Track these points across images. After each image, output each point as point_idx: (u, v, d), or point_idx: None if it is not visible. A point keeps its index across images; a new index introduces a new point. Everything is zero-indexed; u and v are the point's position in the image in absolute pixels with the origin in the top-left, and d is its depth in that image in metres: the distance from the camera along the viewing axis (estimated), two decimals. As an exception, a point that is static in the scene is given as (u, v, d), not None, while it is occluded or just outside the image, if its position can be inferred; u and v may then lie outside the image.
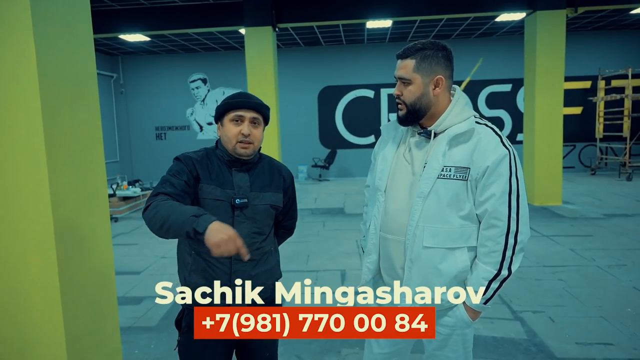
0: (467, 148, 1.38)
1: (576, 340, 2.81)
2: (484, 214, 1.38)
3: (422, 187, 1.39)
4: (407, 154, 1.48)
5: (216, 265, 1.54)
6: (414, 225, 1.40)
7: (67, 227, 2.11)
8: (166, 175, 1.54)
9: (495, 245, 1.36)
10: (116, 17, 7.57)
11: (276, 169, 1.69)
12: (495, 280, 1.38)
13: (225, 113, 1.56)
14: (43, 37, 1.99)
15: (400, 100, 1.43)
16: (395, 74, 1.45)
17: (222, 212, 1.52)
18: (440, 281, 1.40)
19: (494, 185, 1.35)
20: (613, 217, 6.12)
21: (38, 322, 2.08)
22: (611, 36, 10.66)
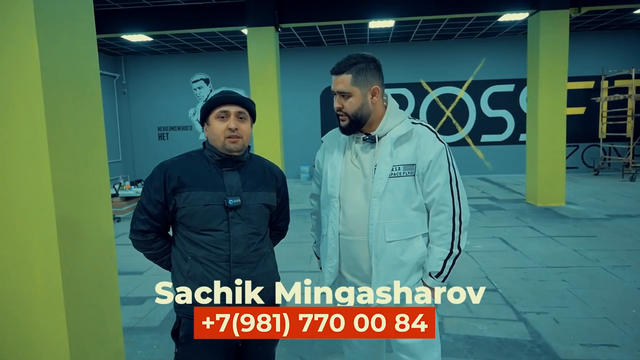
0: (410, 147, 1.54)
1: (580, 341, 2.79)
2: (432, 202, 1.55)
3: (377, 187, 1.50)
4: (355, 160, 1.58)
5: (215, 270, 1.51)
6: (374, 223, 1.51)
7: (69, 226, 2.10)
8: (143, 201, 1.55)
9: (446, 228, 1.54)
10: (119, 17, 7.58)
11: (267, 169, 1.68)
12: (449, 258, 1.55)
13: (210, 111, 1.54)
14: (46, 36, 1.99)
15: (341, 112, 1.54)
16: (333, 88, 1.55)
17: (215, 216, 1.50)
18: (405, 270, 1.54)
19: (438, 176, 1.53)
20: (616, 218, 6.10)
21: (40, 322, 2.08)
22: (614, 36, 10.62)
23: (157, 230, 1.57)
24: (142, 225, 1.54)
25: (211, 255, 1.50)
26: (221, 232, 1.50)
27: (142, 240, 1.57)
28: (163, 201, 1.52)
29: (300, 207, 7.66)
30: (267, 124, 7.42)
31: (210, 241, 1.50)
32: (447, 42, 10.87)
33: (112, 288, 2.42)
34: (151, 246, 1.58)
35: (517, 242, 5.10)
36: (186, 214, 1.50)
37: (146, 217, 1.53)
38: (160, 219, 1.54)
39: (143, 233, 1.55)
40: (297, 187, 10.04)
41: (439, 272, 1.56)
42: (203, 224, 1.50)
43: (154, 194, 1.52)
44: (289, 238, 5.80)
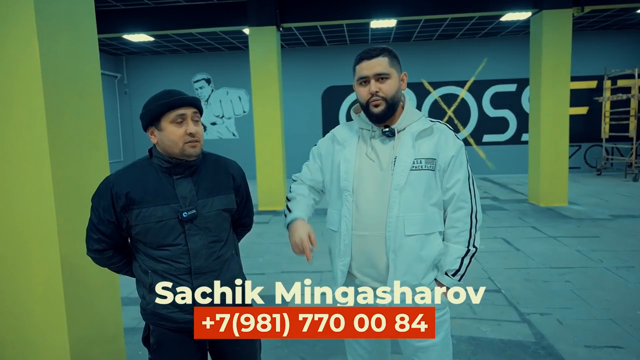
0: (431, 142, 1.52)
1: (585, 343, 2.77)
2: (452, 198, 1.52)
3: (398, 179, 1.47)
4: (371, 153, 1.54)
5: (177, 282, 1.45)
6: (394, 216, 1.46)
7: (70, 226, 2.09)
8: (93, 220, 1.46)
9: (464, 224, 1.52)
10: (120, 17, 7.57)
11: (222, 168, 1.57)
12: (466, 256, 1.53)
13: (162, 115, 1.41)
14: (46, 35, 1.98)
15: (378, 97, 1.49)
16: (366, 73, 1.50)
17: (170, 231, 1.43)
18: (423, 266, 1.50)
19: (459, 171, 1.52)
20: (620, 218, 6.06)
21: (40, 323, 2.07)
22: (617, 36, 10.58)
23: (113, 247, 1.50)
24: (97, 245, 1.48)
25: (171, 269, 1.45)
26: (179, 246, 1.44)
27: (100, 258, 1.52)
28: (114, 220, 1.44)
29: (301, 207, 7.65)
30: (268, 124, 7.41)
31: (168, 256, 1.45)
32: (449, 41, 10.84)
33: (113, 288, 2.41)
34: (111, 261, 1.54)
35: (520, 243, 5.07)
36: (140, 231, 1.44)
37: (99, 236, 1.46)
38: (114, 237, 1.48)
39: (99, 252, 1.49)
40: (298, 187, 10.02)
41: (457, 271, 1.53)
42: (159, 240, 1.44)
43: (104, 214, 1.44)
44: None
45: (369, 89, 1.50)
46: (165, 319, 1.50)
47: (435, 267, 1.56)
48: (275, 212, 7.24)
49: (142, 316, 1.56)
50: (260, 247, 5.20)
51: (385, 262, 1.49)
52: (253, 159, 7.67)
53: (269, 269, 4.41)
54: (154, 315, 1.51)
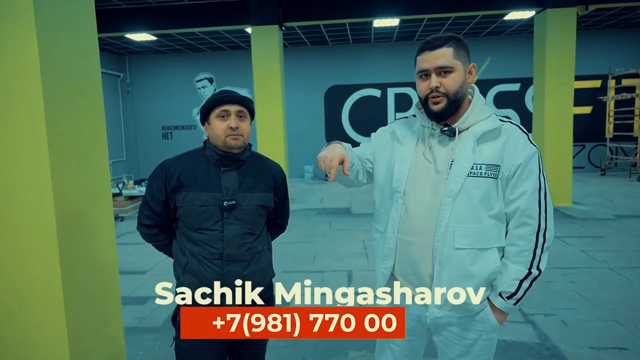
0: (496, 145, 1.34)
1: (589, 344, 2.74)
2: (515, 212, 1.34)
3: (451, 185, 1.32)
4: (428, 153, 1.40)
5: (208, 266, 1.57)
6: (443, 226, 1.32)
7: (70, 226, 2.07)
8: (147, 197, 1.63)
9: (527, 243, 1.33)
10: (122, 16, 7.57)
11: (266, 168, 1.68)
12: (527, 279, 1.35)
13: (211, 111, 1.57)
14: (46, 33, 1.96)
15: (438, 93, 1.33)
16: (427, 66, 1.34)
17: (210, 216, 1.56)
18: (471, 284, 1.34)
19: (526, 182, 1.33)
20: (624, 218, 6.02)
21: (40, 322, 2.05)
22: (621, 35, 10.51)
23: (159, 225, 1.65)
24: (146, 220, 1.64)
25: (205, 253, 1.57)
26: (215, 231, 1.56)
27: (147, 234, 1.67)
28: (164, 199, 1.59)
29: (304, 206, 7.63)
30: (271, 123, 7.39)
31: (204, 239, 1.57)
32: (452, 40, 10.78)
33: (113, 288, 2.40)
34: (156, 238, 1.68)
35: (524, 243, 5.03)
36: (184, 212, 1.57)
37: (150, 212, 1.62)
38: (162, 215, 1.62)
39: (147, 227, 1.65)
40: (300, 187, 10.01)
41: (513, 294, 1.35)
42: (198, 223, 1.56)
43: (157, 192, 1.60)
44: (293, 238, 5.78)
45: (429, 84, 1.33)
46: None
47: (490, 285, 1.39)
48: (278, 211, 7.22)
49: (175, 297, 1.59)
50: (262, 246, 5.19)
51: (430, 272, 1.36)
52: (255, 158, 7.63)
53: (271, 268, 4.39)
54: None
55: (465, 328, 1.41)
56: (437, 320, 1.41)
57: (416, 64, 1.39)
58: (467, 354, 1.43)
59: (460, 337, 1.42)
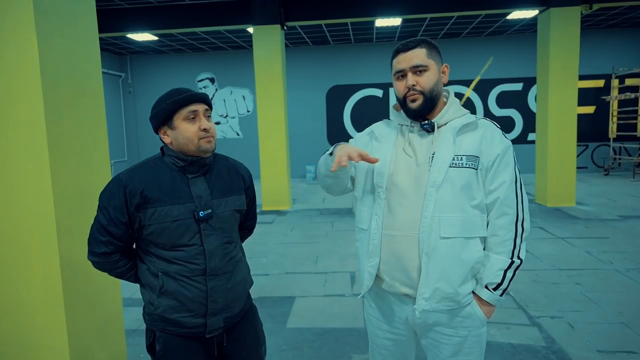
0: (474, 138, 1.39)
1: (597, 347, 2.70)
2: (495, 202, 1.38)
3: (434, 176, 1.35)
4: (408, 148, 1.44)
5: (190, 284, 1.41)
6: (429, 216, 1.34)
7: (70, 227, 2.04)
8: (102, 221, 1.38)
9: (508, 233, 1.38)
10: (124, 16, 7.55)
11: (233, 169, 1.56)
12: (510, 269, 1.38)
13: (174, 113, 1.40)
14: (46, 32, 1.93)
15: (415, 91, 1.38)
16: (403, 66, 1.40)
17: (186, 230, 1.40)
18: (459, 272, 1.36)
19: (504, 173, 1.38)
20: (629, 219, 5.97)
21: (41, 326, 2.03)
22: (625, 34, 10.45)
23: (120, 250, 1.43)
24: (104, 248, 1.39)
25: (184, 270, 1.41)
26: (194, 246, 1.41)
27: (105, 262, 1.43)
28: (126, 220, 1.38)
29: (306, 207, 7.60)
30: (273, 124, 7.36)
31: (182, 257, 1.41)
32: (454, 40, 10.75)
33: (114, 289, 2.37)
34: (116, 265, 1.45)
35: (528, 244, 4.99)
36: (154, 231, 1.38)
37: (108, 238, 1.39)
38: (124, 239, 1.41)
39: (106, 255, 1.41)
40: (302, 187, 9.98)
41: (499, 284, 1.37)
42: (173, 241, 1.39)
43: (115, 213, 1.37)
44: (295, 238, 5.74)
45: (406, 83, 1.39)
46: (175, 324, 1.44)
47: (474, 278, 1.41)
48: (280, 212, 7.19)
49: (147, 322, 1.49)
50: (264, 247, 5.15)
51: (417, 265, 1.36)
52: (257, 158, 7.62)
53: (273, 269, 4.35)
54: (162, 321, 1.44)
55: (454, 326, 1.40)
56: (425, 314, 1.39)
57: (392, 67, 1.45)
58: (458, 352, 1.41)
59: (449, 335, 1.41)
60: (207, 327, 1.45)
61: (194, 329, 1.45)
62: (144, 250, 1.45)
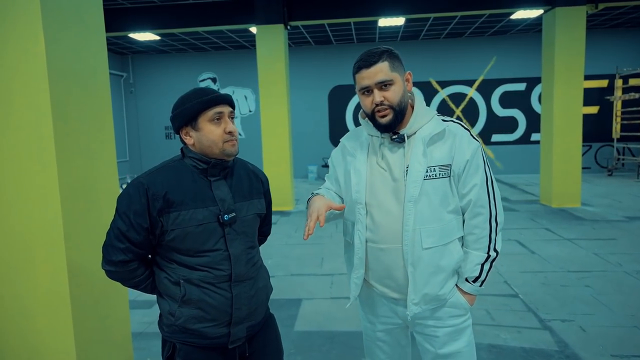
0: (444, 146, 1.43)
1: (611, 352, 2.65)
2: (469, 204, 1.45)
3: (411, 190, 1.39)
4: (382, 162, 1.46)
5: (215, 292, 1.35)
6: (410, 229, 1.39)
7: (77, 228, 2.00)
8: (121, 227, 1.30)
9: (483, 231, 1.46)
10: (126, 15, 7.51)
11: (252, 173, 1.54)
12: (487, 262, 1.47)
13: (199, 114, 1.34)
14: (52, 29, 1.89)
15: (384, 106, 1.39)
16: (369, 82, 1.39)
17: (211, 235, 1.34)
18: (443, 277, 1.45)
19: (475, 176, 1.43)
20: (636, 220, 5.92)
21: (46, 329, 1.98)
22: (629, 34, 10.40)
23: (139, 258, 1.36)
24: (122, 255, 1.31)
25: (209, 277, 1.35)
26: (219, 251, 1.36)
27: (122, 271, 1.35)
28: (148, 226, 1.30)
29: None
30: (276, 123, 7.32)
31: (207, 262, 1.35)
32: (458, 40, 10.71)
33: (120, 292, 2.33)
34: (134, 274, 1.38)
35: (535, 245, 4.95)
36: (176, 236, 1.32)
37: (127, 245, 1.31)
38: (144, 246, 1.34)
39: (124, 264, 1.33)
40: (305, 187, 9.93)
41: (477, 277, 1.48)
42: (198, 246, 1.34)
43: (136, 219, 1.29)
44: (299, 239, 5.68)
45: (373, 99, 1.39)
46: (197, 335, 1.37)
47: (456, 272, 1.50)
48: (283, 212, 7.14)
49: (167, 334, 1.42)
50: (269, 248, 5.11)
51: (403, 274, 1.44)
52: (259, 158, 7.58)
53: (278, 271, 4.31)
54: (183, 332, 1.37)
55: (441, 317, 1.48)
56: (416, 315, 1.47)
57: (356, 81, 1.44)
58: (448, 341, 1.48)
59: (438, 327, 1.49)
60: (230, 337, 1.39)
61: (216, 340, 1.39)
62: (164, 257, 1.38)
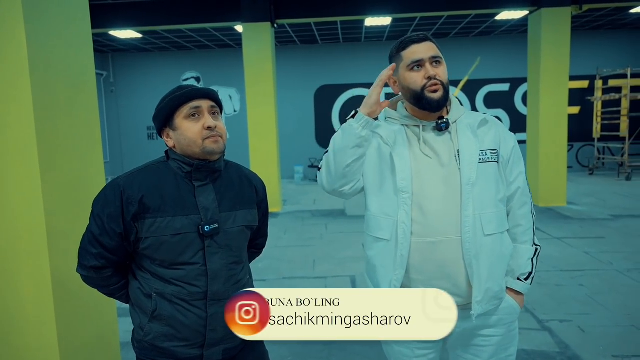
0: (490, 132, 1.38)
1: (612, 352, 2.63)
2: (516, 193, 1.39)
3: (467, 174, 1.30)
4: (426, 149, 1.35)
5: (188, 309, 1.23)
6: (470, 215, 1.28)
7: (62, 235, 1.87)
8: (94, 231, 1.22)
9: (528, 222, 1.40)
10: (106, 11, 7.27)
11: (245, 179, 1.39)
12: (535, 256, 1.41)
13: (175, 112, 1.24)
14: (34, 23, 1.76)
15: (437, 80, 1.31)
16: (421, 56, 1.32)
17: (188, 246, 1.22)
18: (502, 268, 1.36)
19: (519, 164, 1.41)
20: (621, 218, 6.00)
21: (31, 342, 1.85)
22: (609, 36, 10.62)
23: (113, 265, 1.26)
24: (94, 261, 1.23)
25: (183, 293, 1.23)
26: (196, 265, 1.23)
27: (96, 278, 1.26)
28: (121, 231, 1.21)
29: (297, 208, 7.45)
30: (263, 123, 7.20)
31: (181, 276, 1.23)
32: (443, 40, 10.74)
33: (108, 299, 2.19)
34: (108, 282, 1.29)
35: (525, 245, 4.95)
36: (151, 245, 1.21)
37: (100, 250, 1.22)
38: (118, 252, 1.24)
39: (97, 270, 1.24)
40: (291, 188, 9.83)
41: (530, 273, 1.38)
42: (173, 257, 1.22)
43: (109, 223, 1.20)
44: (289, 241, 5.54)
45: (425, 73, 1.31)
46: (167, 355, 1.26)
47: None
48: (271, 214, 6.99)
49: (137, 351, 1.31)
50: (258, 251, 4.99)
51: (463, 269, 1.29)
52: (245, 159, 7.43)
53: (270, 274, 4.20)
54: (152, 349, 1.27)
55: (493, 325, 1.36)
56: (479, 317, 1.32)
57: (402, 58, 1.36)
58: (498, 351, 1.37)
59: (489, 336, 1.36)
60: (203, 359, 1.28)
61: None
62: (139, 266, 1.28)
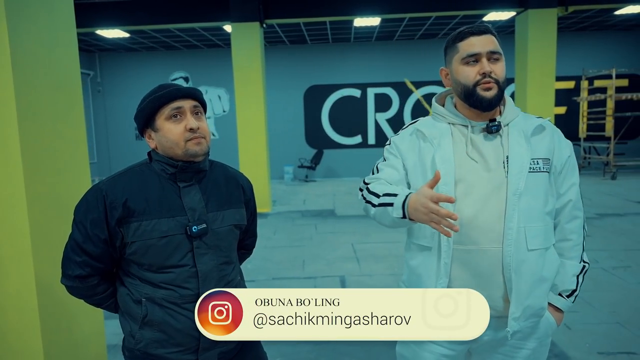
0: (544, 139, 1.29)
1: (597, 349, 2.67)
2: (567, 205, 1.31)
3: (515, 182, 1.22)
4: (473, 152, 1.26)
5: (179, 313, 1.20)
6: (514, 227, 1.20)
7: (45, 239, 1.84)
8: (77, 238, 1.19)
9: (579, 237, 1.33)
10: (93, 10, 7.18)
11: (232, 178, 1.37)
12: (581, 273, 1.34)
13: (156, 113, 1.20)
14: (17, 20, 1.72)
15: (491, 78, 1.22)
16: (478, 49, 1.22)
17: (176, 249, 1.20)
18: (546, 286, 1.28)
19: (573, 174, 1.32)
20: (607, 217, 6.09)
21: (14, 343, 1.81)
22: (595, 37, 10.77)
23: (99, 273, 1.23)
24: (79, 270, 1.19)
25: (173, 296, 1.20)
26: (186, 267, 1.21)
27: (81, 287, 1.22)
28: (106, 237, 1.17)
29: (286, 209, 7.44)
30: (252, 124, 7.18)
31: (171, 280, 1.20)
32: (431, 41, 10.82)
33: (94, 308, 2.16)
34: (94, 292, 1.25)
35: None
36: (138, 249, 1.18)
37: (84, 258, 1.18)
38: (103, 259, 1.21)
39: (82, 279, 1.20)
40: (281, 188, 9.81)
41: (573, 291, 1.32)
42: (161, 261, 1.20)
43: (93, 229, 1.17)
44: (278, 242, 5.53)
45: (480, 69, 1.22)
46: None
47: None
48: (261, 214, 6.99)
49: (127, 356, 1.28)
50: (248, 252, 4.97)
51: (500, 282, 1.22)
52: (234, 159, 7.40)
53: (259, 275, 4.19)
54: (145, 358, 1.24)
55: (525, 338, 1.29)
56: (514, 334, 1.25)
57: (457, 50, 1.26)
58: None
59: (518, 348, 1.30)
60: None
61: None
62: (126, 272, 1.25)
